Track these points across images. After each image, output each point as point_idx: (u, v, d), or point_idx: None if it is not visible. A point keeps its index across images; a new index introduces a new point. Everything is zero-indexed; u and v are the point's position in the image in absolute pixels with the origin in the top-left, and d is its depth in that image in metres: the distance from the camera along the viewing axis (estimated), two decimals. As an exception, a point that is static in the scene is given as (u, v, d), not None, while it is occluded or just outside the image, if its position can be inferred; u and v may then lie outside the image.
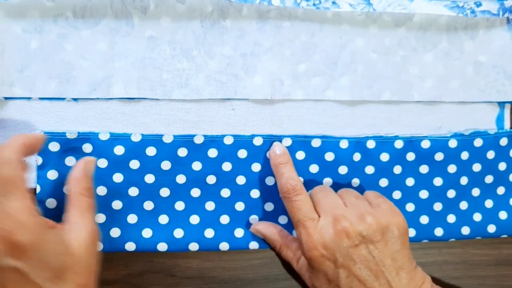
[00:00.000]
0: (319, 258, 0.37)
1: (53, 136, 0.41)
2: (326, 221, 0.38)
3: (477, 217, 0.46)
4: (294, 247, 0.43)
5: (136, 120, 0.43)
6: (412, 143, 0.45)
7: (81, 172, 0.38)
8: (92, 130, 0.42)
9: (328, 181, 0.44)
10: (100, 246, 0.41)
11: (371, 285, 0.36)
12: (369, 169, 0.45)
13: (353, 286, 0.37)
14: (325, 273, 0.38)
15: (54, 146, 0.41)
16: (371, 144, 0.45)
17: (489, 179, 0.46)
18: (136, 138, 0.42)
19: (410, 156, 0.45)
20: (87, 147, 0.41)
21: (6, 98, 0.41)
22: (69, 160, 0.41)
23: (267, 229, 0.43)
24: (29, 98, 0.41)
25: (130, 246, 0.42)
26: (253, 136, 0.43)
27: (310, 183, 0.44)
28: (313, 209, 0.39)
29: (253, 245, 0.44)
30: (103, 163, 0.41)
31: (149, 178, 0.42)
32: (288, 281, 0.45)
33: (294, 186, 0.40)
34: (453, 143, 0.45)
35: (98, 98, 0.42)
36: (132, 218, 0.42)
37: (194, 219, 0.43)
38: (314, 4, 0.43)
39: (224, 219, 0.43)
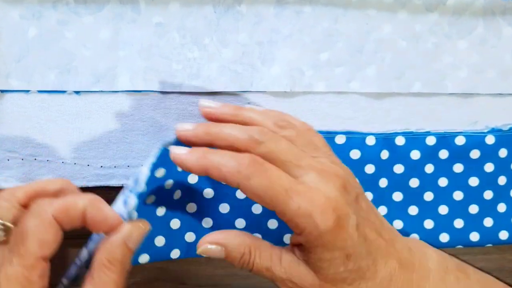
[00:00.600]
0: (335, 229, 0.29)
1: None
2: (311, 177, 0.30)
3: None
4: (265, 245, 0.31)
5: (143, 114, 0.39)
6: (445, 139, 0.41)
7: (119, 240, 0.29)
8: (95, 124, 0.39)
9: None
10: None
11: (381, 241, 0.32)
12: (398, 168, 0.41)
13: (372, 251, 0.31)
14: (342, 248, 0.29)
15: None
16: (400, 141, 0.41)
17: (530, 179, 0.42)
18: None
19: (443, 154, 0.41)
20: None
21: (2, 91, 0.38)
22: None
23: (225, 237, 0.31)
24: (27, 91, 0.38)
25: None
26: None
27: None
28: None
29: None
30: None
31: None
32: None
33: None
34: (490, 140, 0.41)
35: (102, 91, 0.39)
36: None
37: None
38: (338, -14, 0.39)
39: None
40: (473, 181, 0.42)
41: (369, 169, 0.40)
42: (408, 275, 0.32)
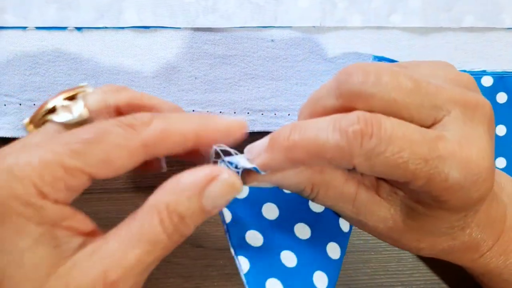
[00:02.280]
0: (483, 200, 0.22)
1: None
2: (456, 122, 0.22)
3: None
4: (337, 182, 0.24)
5: (153, 54, 0.35)
6: (503, 80, 0.36)
7: (196, 189, 0.20)
8: (100, 66, 0.35)
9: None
10: None
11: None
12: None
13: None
14: (469, 211, 0.23)
15: None
16: (450, 82, 0.35)
17: None
18: None
19: (501, 97, 0.36)
20: None
21: (-4, 28, 0.34)
22: None
23: (282, 177, 0.23)
24: (24, 27, 0.34)
25: None
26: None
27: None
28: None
29: None
30: None
31: None
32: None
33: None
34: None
35: (106, 27, 0.35)
36: None
37: None
38: None
39: None
40: (537, 130, 0.36)
41: None
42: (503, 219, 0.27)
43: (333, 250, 0.26)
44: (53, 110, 0.23)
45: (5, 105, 0.34)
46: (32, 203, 0.19)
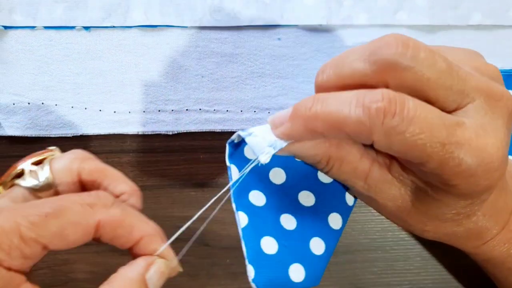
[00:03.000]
0: (493, 188, 0.22)
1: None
2: (477, 111, 0.22)
3: None
4: (352, 157, 0.24)
5: (159, 53, 0.35)
6: (511, 78, 0.35)
7: (139, 276, 0.23)
8: (107, 65, 0.35)
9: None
10: None
11: None
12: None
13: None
14: (479, 199, 0.23)
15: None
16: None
17: None
18: None
19: (510, 95, 0.35)
20: None
21: (5, 27, 0.35)
22: None
23: (299, 147, 0.23)
24: (33, 27, 0.35)
25: None
26: None
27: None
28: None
29: None
30: None
31: None
32: (347, 255, 0.36)
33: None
34: None
35: (113, 27, 0.35)
36: None
37: None
38: None
39: None
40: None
41: None
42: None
43: (335, 221, 0.27)
44: (21, 174, 0.24)
45: (14, 104, 0.35)
46: None
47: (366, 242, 0.37)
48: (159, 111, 0.35)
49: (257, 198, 0.25)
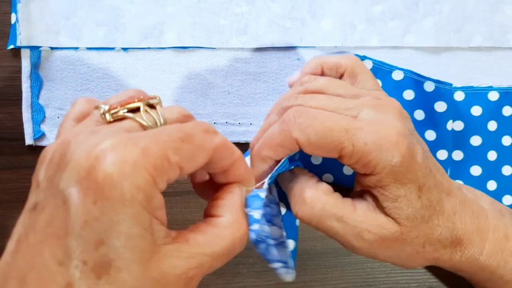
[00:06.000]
0: (407, 159, 0.27)
1: None
2: (368, 113, 0.28)
3: None
4: (336, 196, 0.29)
5: (190, 72, 0.39)
6: (509, 95, 0.38)
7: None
8: (143, 82, 0.38)
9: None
10: None
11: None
12: (458, 125, 0.38)
13: (437, 184, 0.29)
14: (414, 180, 0.27)
15: None
16: (459, 96, 0.38)
17: None
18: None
19: (507, 111, 0.38)
20: None
21: (52, 48, 0.38)
22: None
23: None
24: (76, 48, 0.38)
25: None
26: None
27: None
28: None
29: None
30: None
31: None
32: (360, 256, 0.39)
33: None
34: (559, 96, 0.38)
35: (149, 48, 0.38)
36: None
37: None
38: None
39: None
40: (540, 141, 0.39)
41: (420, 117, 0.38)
42: (468, 210, 0.30)
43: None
44: (133, 111, 0.24)
45: (58, 117, 0.38)
46: (149, 193, 0.20)
47: (377, 244, 0.40)
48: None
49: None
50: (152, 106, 0.25)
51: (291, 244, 0.32)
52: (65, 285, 0.19)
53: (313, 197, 0.28)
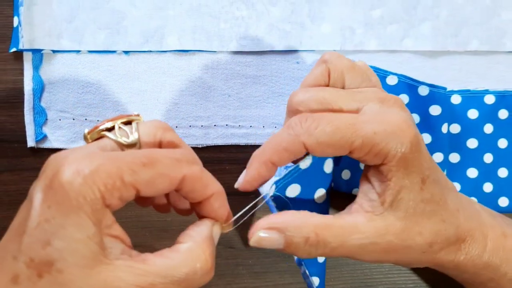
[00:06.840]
0: (415, 148, 0.27)
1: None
2: (373, 106, 0.29)
3: None
4: (335, 221, 0.28)
5: (191, 75, 0.39)
6: (504, 98, 0.39)
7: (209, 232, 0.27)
8: (145, 85, 0.39)
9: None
10: None
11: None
12: (455, 128, 0.39)
13: (440, 178, 0.30)
14: (419, 172, 0.28)
15: None
16: (456, 99, 0.39)
17: None
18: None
19: (503, 114, 0.39)
20: None
21: (54, 51, 0.38)
22: None
23: (283, 220, 0.27)
24: (78, 51, 0.38)
25: None
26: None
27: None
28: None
29: None
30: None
31: None
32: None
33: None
34: (554, 99, 0.39)
35: (150, 51, 0.39)
36: None
37: None
38: None
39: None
40: (536, 143, 0.39)
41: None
42: (468, 208, 0.31)
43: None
44: (110, 129, 0.27)
45: (60, 119, 0.38)
46: (95, 204, 0.22)
47: (375, 245, 0.40)
48: (190, 126, 0.39)
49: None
50: (129, 122, 0.27)
51: (315, 281, 0.34)
52: (12, 277, 0.22)
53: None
